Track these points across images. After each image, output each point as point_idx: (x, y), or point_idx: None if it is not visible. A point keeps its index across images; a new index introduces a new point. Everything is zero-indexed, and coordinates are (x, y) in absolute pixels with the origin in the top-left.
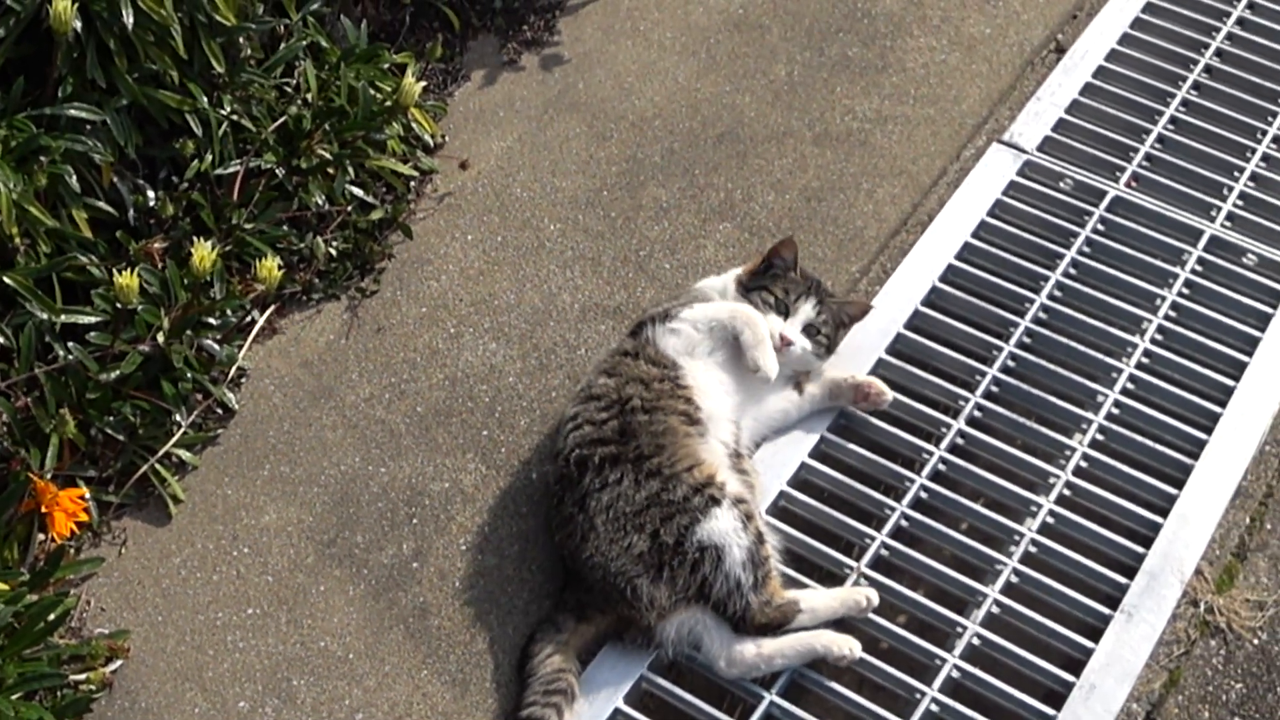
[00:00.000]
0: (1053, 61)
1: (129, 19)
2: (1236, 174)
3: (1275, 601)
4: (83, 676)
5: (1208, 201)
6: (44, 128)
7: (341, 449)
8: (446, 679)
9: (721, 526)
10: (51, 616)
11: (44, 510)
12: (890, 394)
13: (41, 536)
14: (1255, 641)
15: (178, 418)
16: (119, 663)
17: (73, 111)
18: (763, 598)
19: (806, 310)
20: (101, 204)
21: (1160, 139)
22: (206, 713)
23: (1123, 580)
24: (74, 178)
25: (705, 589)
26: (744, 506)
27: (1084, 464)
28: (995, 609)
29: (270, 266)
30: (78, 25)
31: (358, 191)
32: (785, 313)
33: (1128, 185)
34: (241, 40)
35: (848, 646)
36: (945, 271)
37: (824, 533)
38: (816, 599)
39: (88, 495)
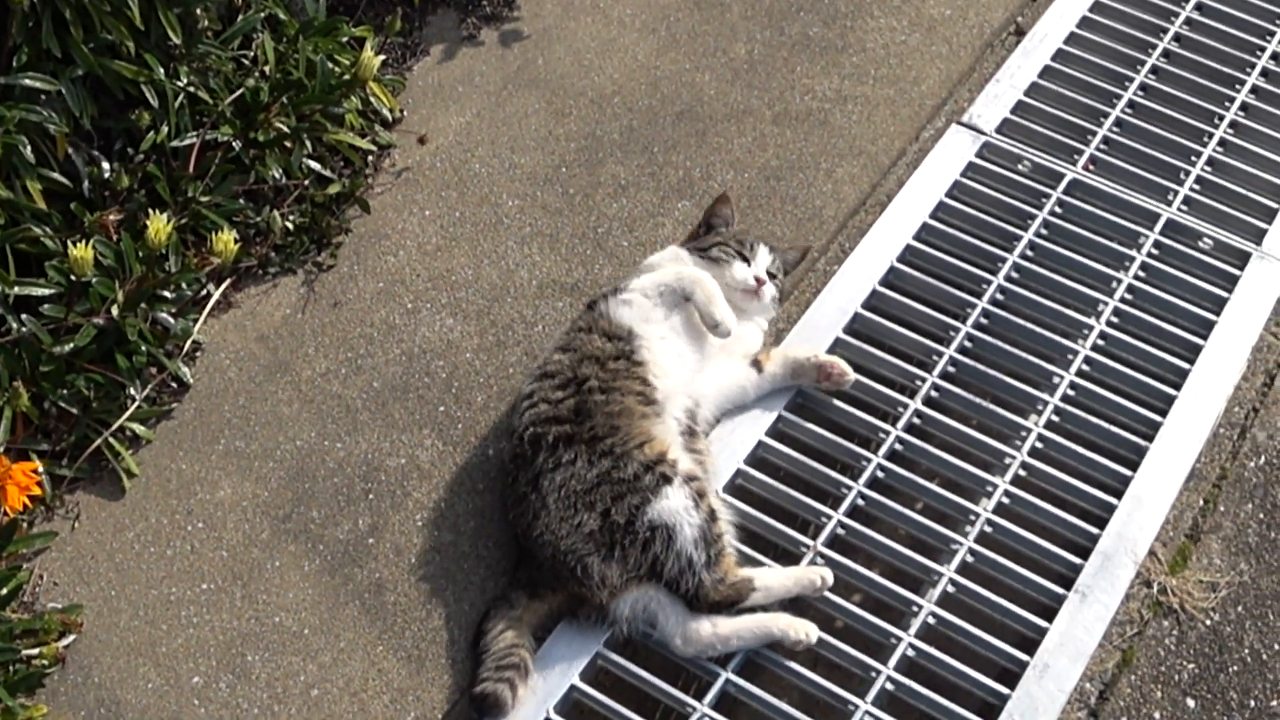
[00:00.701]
0: (1012, 44)
1: None
2: (1193, 159)
3: (1228, 583)
4: (35, 651)
5: (1164, 185)
6: None
7: (297, 424)
8: (402, 654)
9: (672, 505)
10: (3, 591)
11: None
12: (853, 374)
13: None
14: (1207, 622)
15: (132, 391)
16: (72, 637)
17: (27, 81)
18: (716, 575)
19: (764, 254)
20: (56, 175)
21: (1118, 123)
22: (160, 688)
23: (1077, 561)
24: (28, 148)
25: (657, 567)
26: (696, 484)
27: (1039, 445)
28: (950, 588)
29: (226, 240)
30: None
31: (315, 165)
32: (747, 259)
33: (1085, 168)
34: (199, 11)
35: (804, 631)
36: (903, 252)
37: (781, 511)
38: (771, 577)
39: (41, 469)
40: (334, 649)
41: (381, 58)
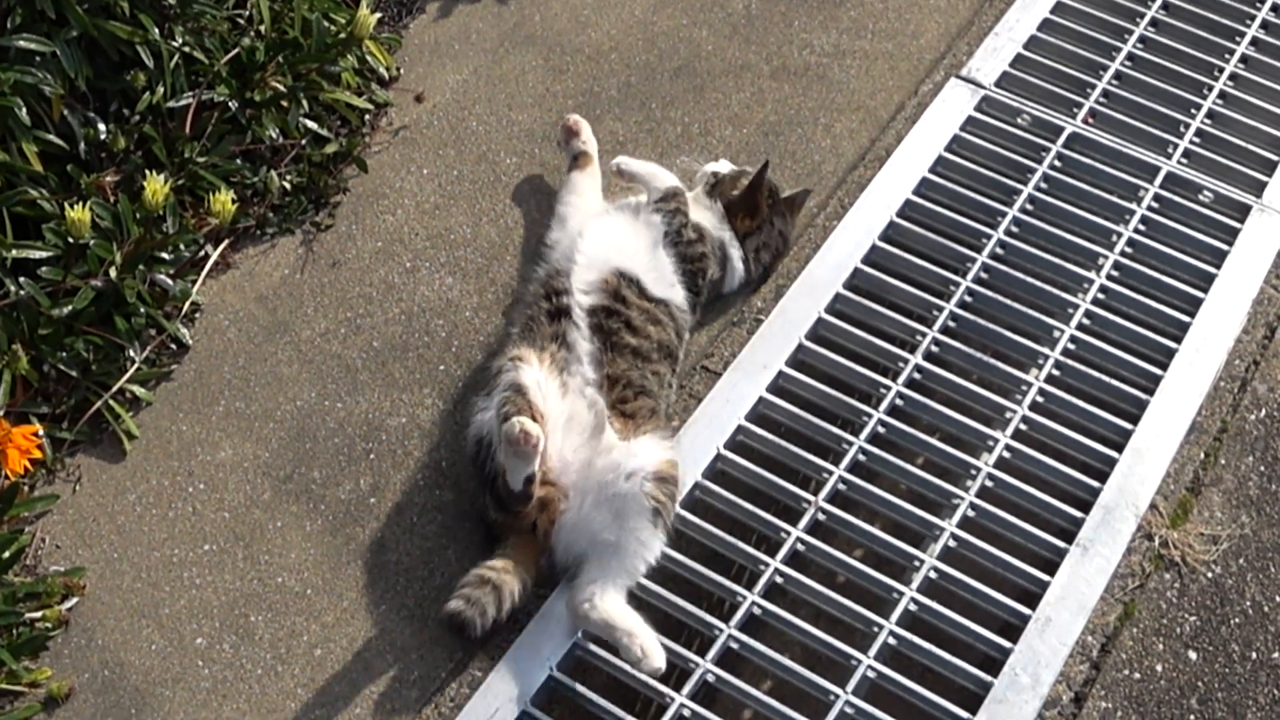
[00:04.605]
0: None
1: None
2: (1194, 111)
3: (1229, 536)
4: (39, 614)
5: (1165, 138)
6: None
7: (297, 384)
8: (405, 614)
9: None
10: (6, 554)
11: None
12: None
13: None
14: (1209, 575)
15: (131, 353)
16: (75, 600)
17: (22, 43)
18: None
19: None
20: (52, 137)
21: (1118, 75)
22: (163, 649)
23: (1078, 514)
24: (23, 110)
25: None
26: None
27: (1040, 399)
28: (952, 543)
29: (224, 200)
30: None
31: (312, 124)
32: None
33: (1085, 121)
34: None
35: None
36: (903, 206)
37: (782, 467)
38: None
39: (41, 432)
40: (337, 609)
41: (377, 15)
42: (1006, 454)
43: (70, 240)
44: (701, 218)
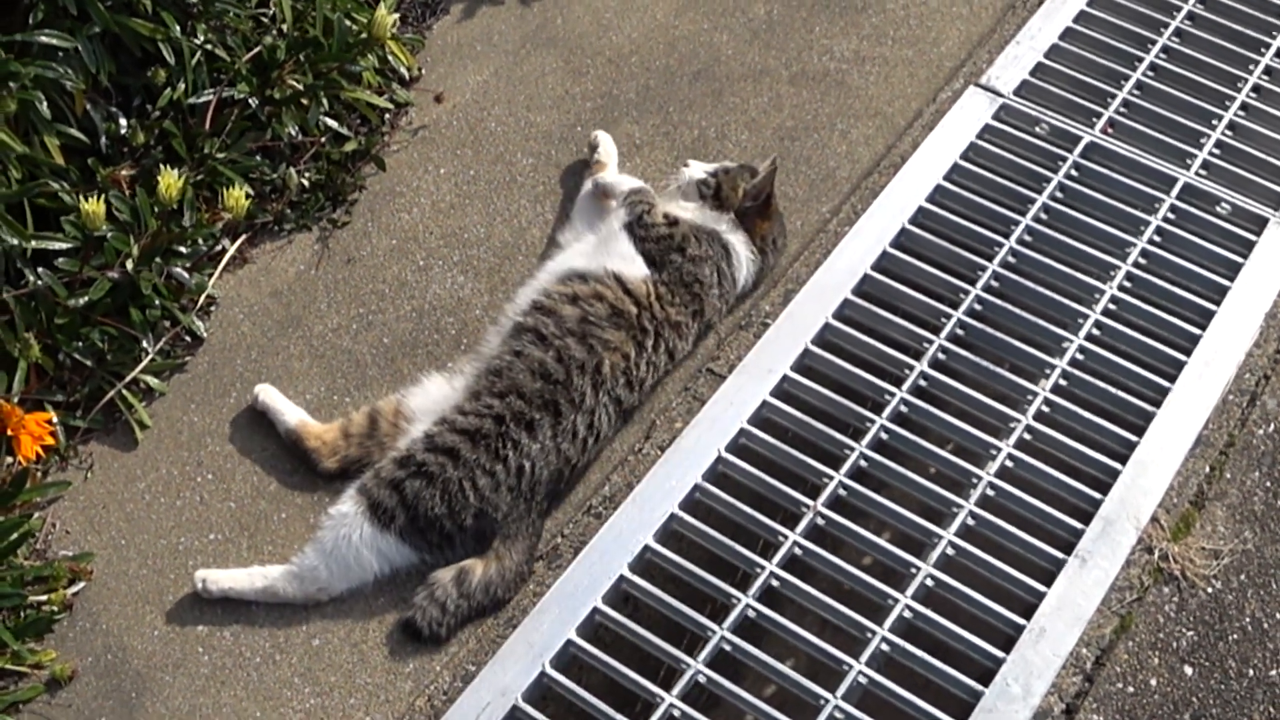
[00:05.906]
0: (1034, 5)
1: None
2: (1214, 122)
3: (1231, 551)
4: (44, 597)
5: (1184, 149)
6: (15, 54)
7: (308, 378)
8: (403, 606)
9: None
10: (14, 537)
11: (10, 434)
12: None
13: (8, 460)
14: (1209, 590)
15: (146, 344)
16: (81, 584)
17: (44, 38)
18: None
19: None
20: (74, 131)
21: (1139, 86)
22: (166, 635)
23: (1078, 525)
24: (45, 104)
25: None
26: None
27: (1046, 409)
28: (950, 551)
29: (238, 195)
30: None
31: (331, 123)
32: None
33: (1104, 131)
34: None
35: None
36: (916, 214)
37: (784, 472)
38: None
39: (55, 420)
40: (336, 600)
41: (396, 16)
42: (1009, 463)
43: (88, 232)
44: (683, 213)
